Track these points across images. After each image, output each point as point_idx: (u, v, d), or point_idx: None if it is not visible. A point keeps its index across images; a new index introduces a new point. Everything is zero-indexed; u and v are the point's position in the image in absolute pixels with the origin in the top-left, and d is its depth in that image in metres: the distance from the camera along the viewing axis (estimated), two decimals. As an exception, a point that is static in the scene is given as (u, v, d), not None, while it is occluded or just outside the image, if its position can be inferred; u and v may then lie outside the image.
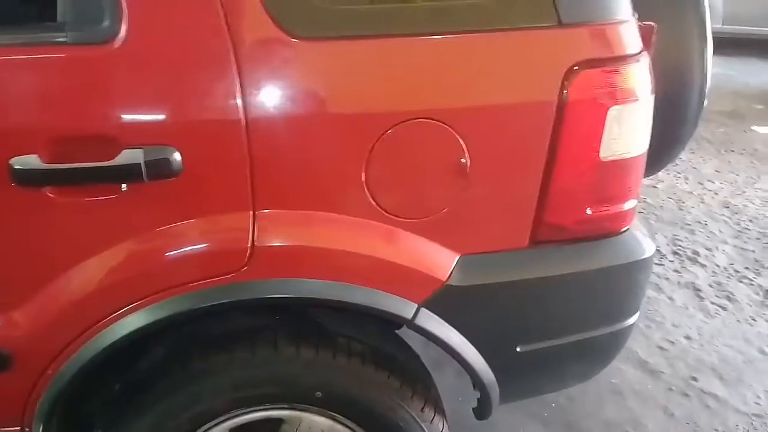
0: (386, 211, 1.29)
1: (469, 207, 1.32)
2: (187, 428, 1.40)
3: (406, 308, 1.33)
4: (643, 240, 1.50)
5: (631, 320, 1.56)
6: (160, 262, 1.25)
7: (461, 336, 1.39)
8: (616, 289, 1.50)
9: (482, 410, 1.55)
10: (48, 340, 1.28)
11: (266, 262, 1.26)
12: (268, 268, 1.27)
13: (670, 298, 3.00)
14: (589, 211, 1.38)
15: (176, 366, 1.39)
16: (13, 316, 1.27)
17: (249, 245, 1.24)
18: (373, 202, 1.27)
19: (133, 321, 1.26)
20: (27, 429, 1.39)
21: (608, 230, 1.44)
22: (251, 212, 1.24)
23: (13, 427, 1.38)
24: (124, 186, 1.18)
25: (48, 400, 1.32)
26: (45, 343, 1.28)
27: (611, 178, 1.38)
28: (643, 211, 3.85)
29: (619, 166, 1.38)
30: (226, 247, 1.25)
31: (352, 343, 1.42)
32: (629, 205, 1.44)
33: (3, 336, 1.28)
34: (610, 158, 1.34)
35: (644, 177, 1.55)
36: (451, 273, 1.34)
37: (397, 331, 1.60)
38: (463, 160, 1.27)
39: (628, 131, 1.35)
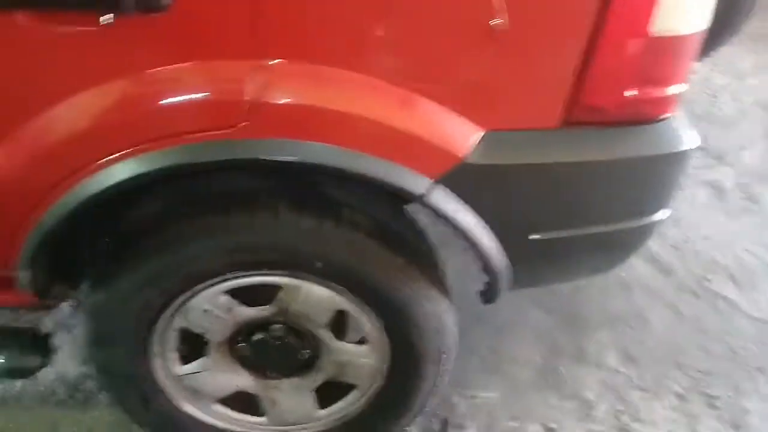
0: (406, 74, 1.16)
1: (499, 77, 1.19)
2: (180, 287, 1.36)
3: (419, 183, 1.23)
4: (684, 130, 1.36)
5: (658, 216, 1.46)
6: (151, 107, 1.14)
7: (475, 218, 1.30)
8: (649, 181, 1.39)
9: (489, 295, 1.50)
10: (28, 183, 1.20)
11: (268, 119, 1.15)
12: (269, 126, 1.16)
13: (692, 196, 2.89)
14: (630, 93, 1.24)
15: (170, 224, 1.32)
16: None
17: (249, 98, 1.13)
18: (392, 62, 1.14)
19: (120, 171, 1.17)
20: (14, 273, 1.34)
21: (648, 116, 1.31)
22: (253, 61, 1.12)
23: (-1, 270, 1.33)
24: (110, 17, 1.04)
25: (31, 246, 1.26)
26: (25, 187, 1.21)
27: (660, 57, 1.23)
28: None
29: (672, 43, 1.23)
30: (224, 98, 1.14)
31: (357, 216, 1.35)
32: (676, 89, 1.30)
33: None
34: (663, 34, 1.19)
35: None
36: (472, 149, 1.23)
37: (405, 207, 1.52)
38: (498, 22, 1.11)
39: (687, 3, 1.20)
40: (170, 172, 1.18)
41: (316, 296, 1.40)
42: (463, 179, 1.24)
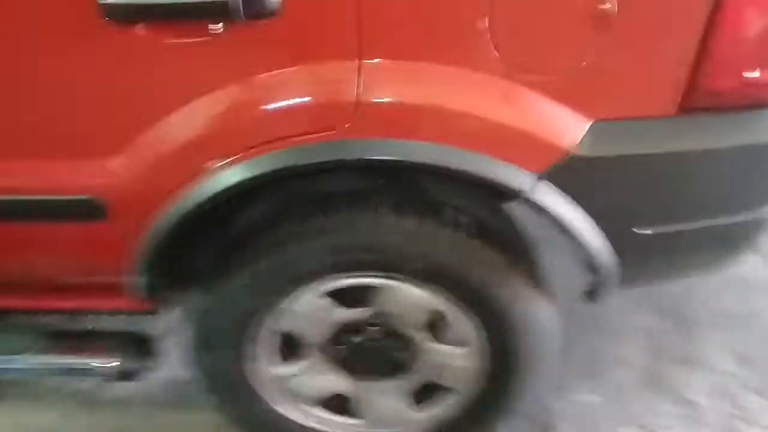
0: (512, 66, 1.12)
1: (609, 64, 1.12)
2: (284, 287, 1.37)
3: (523, 179, 1.19)
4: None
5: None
6: (258, 113, 1.15)
7: (581, 213, 1.24)
8: (769, 169, 1.29)
9: (595, 295, 1.43)
10: (145, 191, 1.24)
11: (372, 119, 1.15)
12: (373, 126, 1.15)
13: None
14: (752, 75, 1.15)
15: (274, 227, 1.33)
16: (109, 164, 1.23)
17: (354, 99, 1.12)
18: (497, 54, 1.10)
19: (230, 175, 1.19)
20: (128, 279, 1.38)
21: (770, 99, 1.21)
22: (357, 61, 1.11)
23: (111, 276, 1.37)
24: (219, 25, 1.07)
25: (148, 252, 1.29)
26: (142, 195, 1.24)
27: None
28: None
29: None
30: (329, 99, 1.14)
31: (458, 215, 1.31)
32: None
33: (98, 184, 1.25)
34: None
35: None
36: (580, 141, 1.17)
37: (504, 205, 1.47)
38: (608, 6, 1.06)
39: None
40: (277, 175, 1.19)
41: (414, 297, 1.38)
42: (570, 173, 1.19)
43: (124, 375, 1.55)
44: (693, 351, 2.00)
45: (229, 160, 1.18)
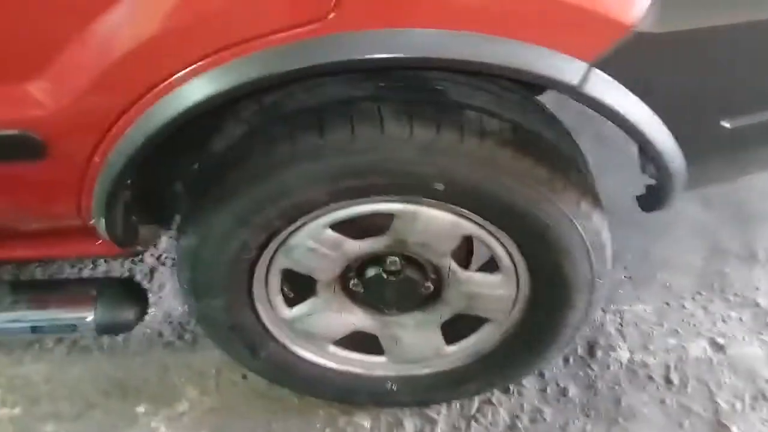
0: None
1: None
2: (277, 223, 1.19)
3: (571, 69, 0.96)
4: None
5: None
6: (222, 5, 0.94)
7: (647, 107, 1.01)
8: None
9: (656, 201, 1.22)
10: (81, 119, 1.04)
11: (362, 6, 0.92)
12: (364, 15, 0.93)
13: None
14: None
15: (257, 149, 1.13)
16: (31, 91, 1.02)
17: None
18: None
19: (192, 90, 0.98)
20: (92, 221, 1.19)
21: None
22: None
23: (70, 220, 1.21)
24: None
25: (103, 190, 1.11)
26: (78, 124, 1.05)
27: None
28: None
29: None
30: None
31: (485, 119, 1.09)
32: None
33: (26, 118, 1.05)
34: None
35: None
36: (642, 14, 0.93)
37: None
38: None
39: None
40: (255, 86, 0.98)
41: (437, 223, 1.18)
42: (632, 56, 0.96)
43: (104, 328, 1.37)
44: (752, 247, 1.83)
45: (187, 70, 0.96)
